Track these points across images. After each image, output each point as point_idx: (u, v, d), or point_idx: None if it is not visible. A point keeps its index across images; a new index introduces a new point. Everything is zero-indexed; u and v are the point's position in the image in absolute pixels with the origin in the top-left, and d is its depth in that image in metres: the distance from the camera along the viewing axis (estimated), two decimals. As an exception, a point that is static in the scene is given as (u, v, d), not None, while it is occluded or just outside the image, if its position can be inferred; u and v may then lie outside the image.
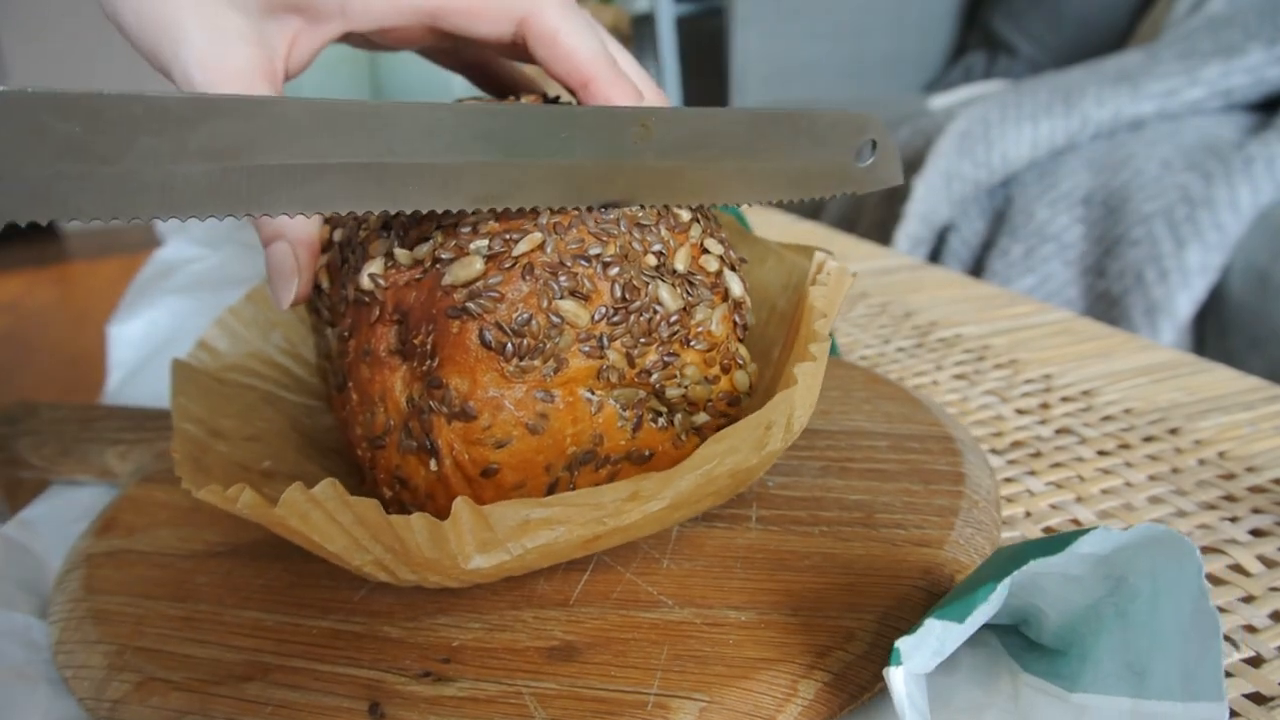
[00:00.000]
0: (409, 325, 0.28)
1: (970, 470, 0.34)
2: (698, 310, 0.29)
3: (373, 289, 0.29)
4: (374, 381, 0.30)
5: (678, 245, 0.29)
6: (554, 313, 0.27)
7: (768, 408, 0.26)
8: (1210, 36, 1.08)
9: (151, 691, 0.26)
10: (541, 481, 0.28)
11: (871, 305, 0.62)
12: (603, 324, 0.27)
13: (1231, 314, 0.88)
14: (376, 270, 0.29)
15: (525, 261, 0.27)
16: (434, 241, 0.28)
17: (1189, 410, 0.43)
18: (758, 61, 1.75)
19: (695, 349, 0.29)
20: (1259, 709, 0.25)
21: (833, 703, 0.24)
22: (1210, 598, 0.21)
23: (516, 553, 0.26)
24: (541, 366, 0.27)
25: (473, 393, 0.27)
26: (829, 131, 0.31)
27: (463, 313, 0.27)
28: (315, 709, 0.24)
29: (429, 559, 0.25)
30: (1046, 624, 0.24)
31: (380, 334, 0.29)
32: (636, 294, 0.28)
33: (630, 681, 0.24)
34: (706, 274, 0.30)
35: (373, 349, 0.30)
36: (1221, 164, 0.91)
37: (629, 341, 0.28)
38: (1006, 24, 1.68)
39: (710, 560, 0.29)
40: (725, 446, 0.26)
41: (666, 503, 0.26)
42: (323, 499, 0.24)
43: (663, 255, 0.29)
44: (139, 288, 0.65)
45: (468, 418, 0.27)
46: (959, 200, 1.11)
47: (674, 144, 0.28)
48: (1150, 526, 0.22)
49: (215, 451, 0.33)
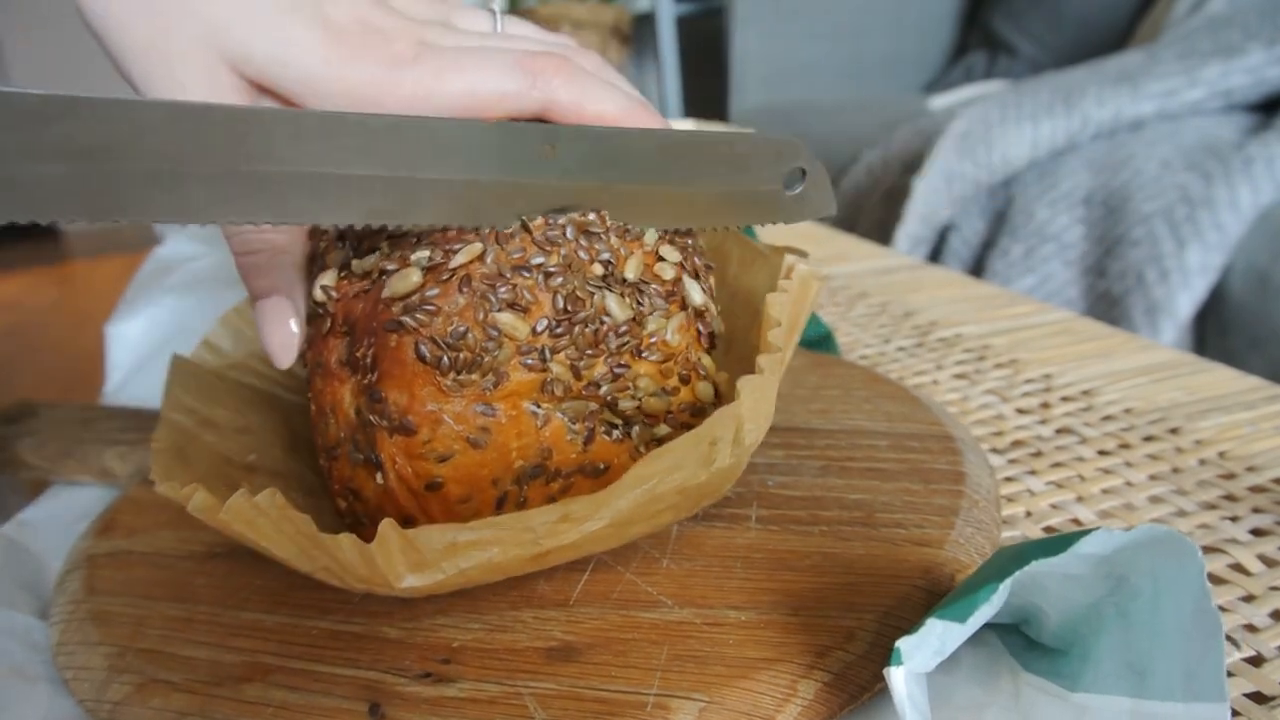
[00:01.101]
0: (355, 337, 0.28)
1: (970, 469, 0.34)
2: (650, 320, 0.28)
3: (324, 300, 0.29)
4: (325, 393, 0.30)
5: (628, 253, 0.29)
6: (491, 325, 0.26)
7: (710, 422, 0.25)
8: (1210, 37, 1.08)
9: (152, 693, 0.26)
10: (489, 495, 0.28)
11: (872, 305, 0.62)
12: (545, 336, 0.27)
13: (1232, 314, 0.88)
14: (328, 282, 0.29)
15: (463, 273, 0.27)
16: (380, 252, 0.28)
17: (1189, 410, 0.43)
18: (757, 61, 1.75)
19: (648, 360, 0.29)
20: (1260, 708, 0.25)
21: (833, 703, 0.24)
22: (1212, 598, 0.21)
23: (451, 572, 0.25)
24: (480, 380, 0.27)
25: (411, 407, 0.27)
26: (751, 157, 0.31)
27: (399, 326, 0.27)
28: (315, 710, 0.24)
29: (363, 576, 0.25)
30: (1047, 623, 0.24)
31: (331, 345, 0.29)
32: (580, 305, 0.27)
33: (630, 682, 0.24)
34: (662, 282, 0.29)
35: (324, 361, 0.29)
36: (1221, 164, 0.91)
37: (574, 354, 0.27)
38: (1007, 24, 1.68)
39: (710, 560, 0.29)
40: (667, 463, 0.25)
41: (605, 522, 0.26)
42: (266, 508, 0.24)
43: (611, 264, 0.28)
44: (138, 286, 0.65)
45: (407, 432, 0.27)
46: (959, 200, 1.11)
47: (580, 164, 0.28)
48: (1152, 527, 0.22)
49: (202, 441, 0.33)
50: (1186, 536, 0.21)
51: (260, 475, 0.34)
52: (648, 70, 2.52)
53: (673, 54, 2.01)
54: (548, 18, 2.12)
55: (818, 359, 0.45)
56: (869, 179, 1.32)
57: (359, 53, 0.28)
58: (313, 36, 0.28)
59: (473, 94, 0.29)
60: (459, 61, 0.29)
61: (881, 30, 1.80)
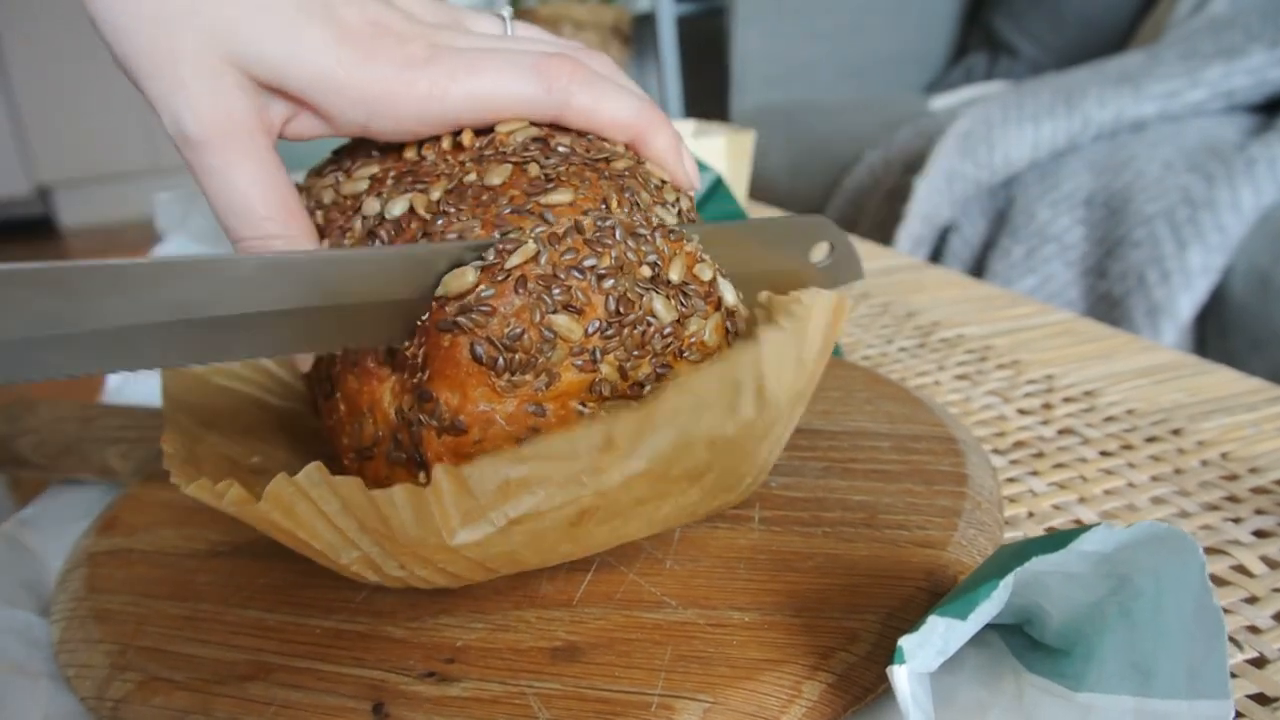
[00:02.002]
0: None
1: (973, 471, 0.34)
2: (691, 321, 0.29)
3: None
4: (362, 393, 0.29)
5: (673, 254, 0.29)
6: (547, 327, 0.26)
7: (731, 362, 0.24)
8: (1212, 38, 1.08)
9: (154, 691, 0.26)
10: None
11: (873, 305, 0.62)
12: (596, 337, 0.27)
13: (1233, 315, 0.88)
14: None
15: (518, 274, 0.26)
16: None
17: (1192, 411, 0.43)
18: (758, 61, 1.75)
19: (688, 360, 0.29)
20: (1263, 710, 0.25)
21: (837, 704, 0.24)
22: (1214, 594, 0.21)
23: (500, 523, 0.24)
24: (533, 381, 0.27)
25: (463, 407, 0.27)
26: (782, 240, 0.32)
27: (454, 326, 0.26)
28: (318, 709, 0.24)
29: (414, 538, 0.24)
30: (1049, 623, 0.24)
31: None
32: (631, 307, 0.27)
33: (634, 682, 0.24)
34: (701, 283, 0.29)
35: (360, 360, 0.29)
36: (1223, 165, 0.91)
37: (622, 355, 0.27)
38: (1008, 25, 1.68)
39: (713, 561, 0.29)
40: (691, 400, 0.24)
41: (644, 465, 0.25)
42: (307, 486, 0.23)
43: (657, 266, 0.28)
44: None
45: (458, 432, 0.27)
46: (960, 200, 1.11)
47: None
48: (1152, 524, 0.22)
49: (207, 442, 0.33)
50: (1187, 534, 0.21)
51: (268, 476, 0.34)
52: (648, 70, 2.52)
53: (673, 54, 2.01)
54: (548, 18, 2.12)
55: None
56: (870, 179, 1.32)
57: (373, 54, 0.28)
58: (326, 36, 0.28)
59: (490, 96, 0.29)
60: (474, 64, 0.29)
61: (882, 30, 1.80)
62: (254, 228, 0.28)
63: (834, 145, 1.46)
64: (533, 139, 0.30)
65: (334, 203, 0.31)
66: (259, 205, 0.28)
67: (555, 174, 0.29)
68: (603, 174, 0.29)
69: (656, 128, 0.31)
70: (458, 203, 0.28)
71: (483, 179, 0.29)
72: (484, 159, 0.29)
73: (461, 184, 0.29)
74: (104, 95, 2.86)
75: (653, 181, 0.31)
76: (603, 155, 0.30)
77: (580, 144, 0.31)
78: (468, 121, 0.30)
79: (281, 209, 0.29)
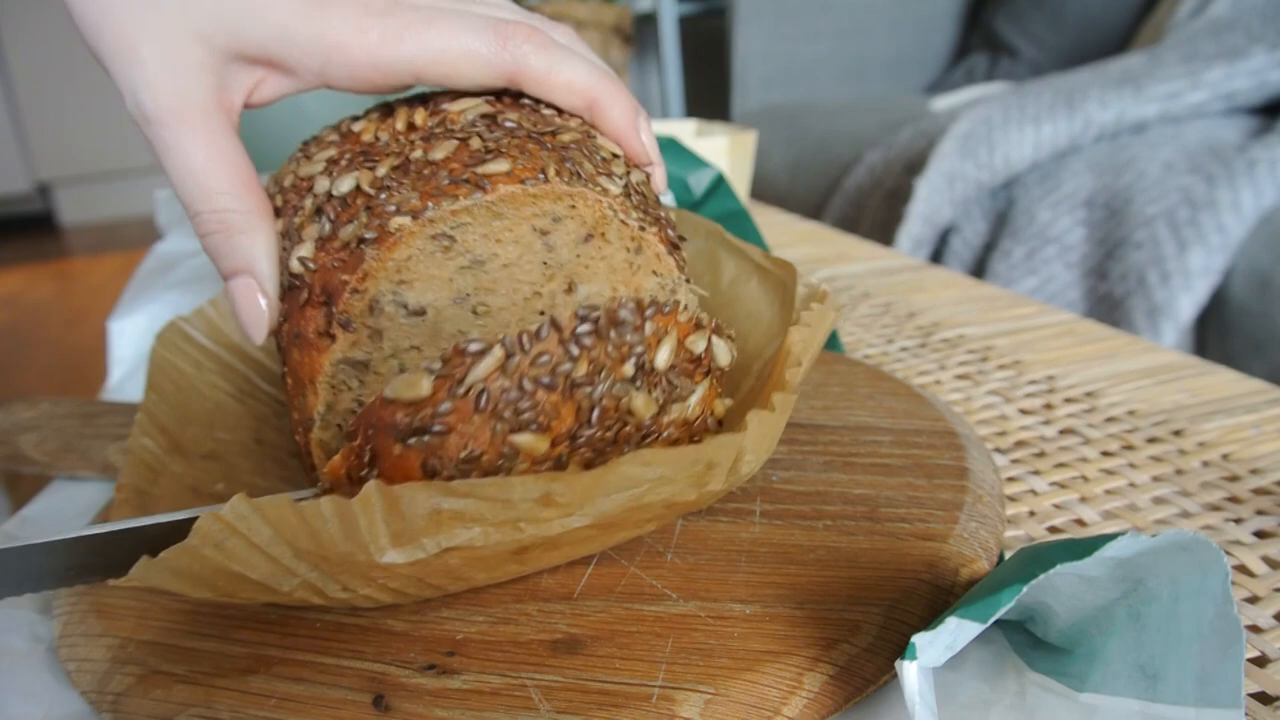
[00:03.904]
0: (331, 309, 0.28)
1: (974, 465, 0.34)
2: (673, 407, 0.27)
3: (302, 272, 0.29)
4: (304, 364, 0.29)
5: (663, 335, 0.27)
6: (508, 445, 0.25)
7: (712, 445, 0.24)
8: (1213, 39, 1.08)
9: (154, 684, 0.26)
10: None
11: (875, 305, 0.62)
12: (564, 446, 0.26)
13: (1233, 317, 0.88)
14: (306, 254, 0.29)
15: (480, 388, 0.24)
16: (359, 221, 0.28)
17: (1193, 412, 0.43)
18: (759, 61, 1.75)
19: (665, 439, 0.28)
20: (1265, 709, 0.25)
21: (838, 695, 0.24)
22: (1234, 604, 0.21)
23: (432, 550, 0.24)
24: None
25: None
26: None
27: (405, 443, 0.25)
28: (319, 701, 0.24)
29: (344, 553, 0.24)
30: (1054, 622, 0.24)
31: (309, 316, 0.29)
32: (606, 413, 0.26)
33: (635, 674, 0.24)
34: (692, 357, 0.28)
35: (303, 332, 0.29)
36: (1224, 167, 0.91)
37: (590, 454, 0.26)
38: (1008, 25, 1.68)
39: (714, 554, 0.29)
40: (657, 474, 0.24)
41: (589, 521, 0.24)
42: (235, 519, 0.22)
43: (643, 356, 0.26)
44: (140, 282, 0.65)
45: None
46: (961, 201, 1.11)
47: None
48: (1179, 532, 0.21)
49: (169, 474, 0.33)
50: (1214, 543, 0.21)
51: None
52: (649, 70, 2.53)
53: (675, 54, 2.01)
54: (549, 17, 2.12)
55: (821, 356, 0.45)
56: (871, 179, 1.32)
57: (330, 4, 0.29)
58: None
59: (443, 49, 0.29)
60: (430, 19, 0.29)
61: (883, 31, 1.80)
62: (209, 201, 0.29)
63: (835, 146, 1.46)
64: (482, 115, 0.30)
65: (292, 185, 0.31)
66: (214, 180, 0.29)
67: (496, 146, 0.29)
68: (545, 145, 0.29)
69: (613, 97, 0.31)
70: (401, 177, 0.28)
71: (427, 155, 0.29)
72: (433, 137, 0.29)
73: (408, 160, 0.29)
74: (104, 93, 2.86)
75: (600, 154, 0.31)
76: (549, 129, 0.30)
77: (529, 119, 0.30)
78: (422, 75, 0.30)
79: (237, 184, 0.29)
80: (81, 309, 2.24)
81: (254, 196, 0.30)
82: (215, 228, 0.29)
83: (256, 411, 0.39)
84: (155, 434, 0.34)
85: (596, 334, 0.25)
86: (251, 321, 0.30)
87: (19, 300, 2.36)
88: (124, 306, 0.60)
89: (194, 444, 0.36)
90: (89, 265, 2.64)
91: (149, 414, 0.35)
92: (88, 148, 2.93)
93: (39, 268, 2.64)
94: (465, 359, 0.24)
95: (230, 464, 0.36)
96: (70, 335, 2.03)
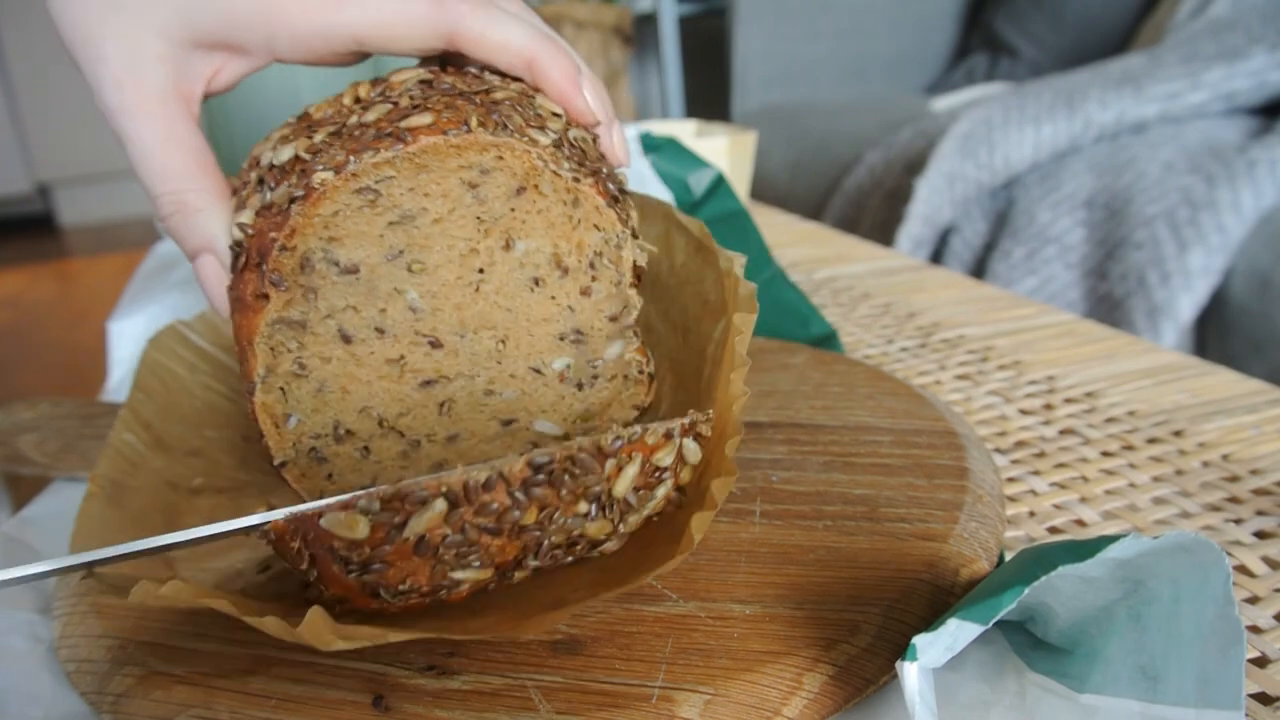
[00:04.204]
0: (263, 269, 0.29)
1: (974, 465, 0.34)
2: (630, 517, 0.27)
3: (241, 238, 0.29)
4: (243, 328, 0.30)
5: (626, 464, 0.26)
6: (448, 579, 0.25)
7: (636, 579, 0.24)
8: (1213, 40, 1.08)
9: (154, 685, 0.26)
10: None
11: (875, 306, 0.62)
12: (510, 567, 0.26)
13: (1233, 317, 0.88)
14: (245, 219, 0.29)
15: (421, 536, 0.24)
16: (289, 184, 0.28)
17: (1193, 413, 0.43)
18: (759, 62, 1.75)
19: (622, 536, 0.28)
20: (1265, 709, 0.25)
21: (838, 696, 0.24)
22: (1236, 606, 0.21)
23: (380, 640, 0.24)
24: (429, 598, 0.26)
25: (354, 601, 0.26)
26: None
27: (344, 567, 0.25)
28: (319, 702, 0.24)
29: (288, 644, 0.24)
30: (1054, 622, 0.24)
31: (247, 280, 0.29)
32: (556, 545, 0.26)
33: (635, 675, 0.24)
34: (659, 471, 0.27)
35: (241, 295, 0.30)
36: (1224, 167, 0.91)
37: (538, 564, 0.26)
38: (1008, 26, 1.68)
39: (714, 554, 0.29)
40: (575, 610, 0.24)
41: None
42: (171, 596, 0.23)
43: (600, 493, 0.26)
44: (140, 283, 0.65)
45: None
46: (961, 201, 1.11)
47: None
48: (1180, 533, 0.21)
49: (148, 468, 0.33)
50: (1215, 544, 0.21)
51: (206, 496, 0.34)
52: (649, 70, 2.53)
53: (675, 54, 2.01)
54: (549, 17, 2.12)
55: (820, 356, 0.45)
56: (871, 180, 1.32)
57: None
58: None
59: (379, 12, 0.30)
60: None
61: (883, 31, 1.80)
62: (165, 183, 0.31)
63: (835, 146, 1.46)
64: (420, 81, 0.30)
65: (249, 165, 0.32)
66: (170, 162, 0.31)
67: (423, 103, 0.29)
68: (473, 101, 0.29)
69: (552, 57, 0.31)
70: (334, 140, 0.29)
71: (361, 119, 0.29)
72: (371, 105, 0.30)
73: (345, 126, 0.29)
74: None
75: (536, 110, 0.31)
76: (483, 88, 0.30)
77: (466, 82, 0.30)
78: (364, 40, 0.31)
79: (192, 165, 0.31)
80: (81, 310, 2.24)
81: (210, 178, 0.31)
82: (173, 209, 0.31)
83: (249, 411, 0.39)
84: (138, 429, 0.35)
85: (550, 483, 0.25)
86: (217, 296, 0.31)
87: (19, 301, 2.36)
88: (124, 307, 0.60)
89: (179, 440, 0.36)
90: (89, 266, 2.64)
91: (133, 411, 0.36)
92: (88, 148, 2.93)
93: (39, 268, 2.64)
94: (405, 506, 0.24)
95: (214, 459, 0.36)
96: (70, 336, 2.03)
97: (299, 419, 0.32)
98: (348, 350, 0.31)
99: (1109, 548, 0.21)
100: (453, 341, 0.32)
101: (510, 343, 0.33)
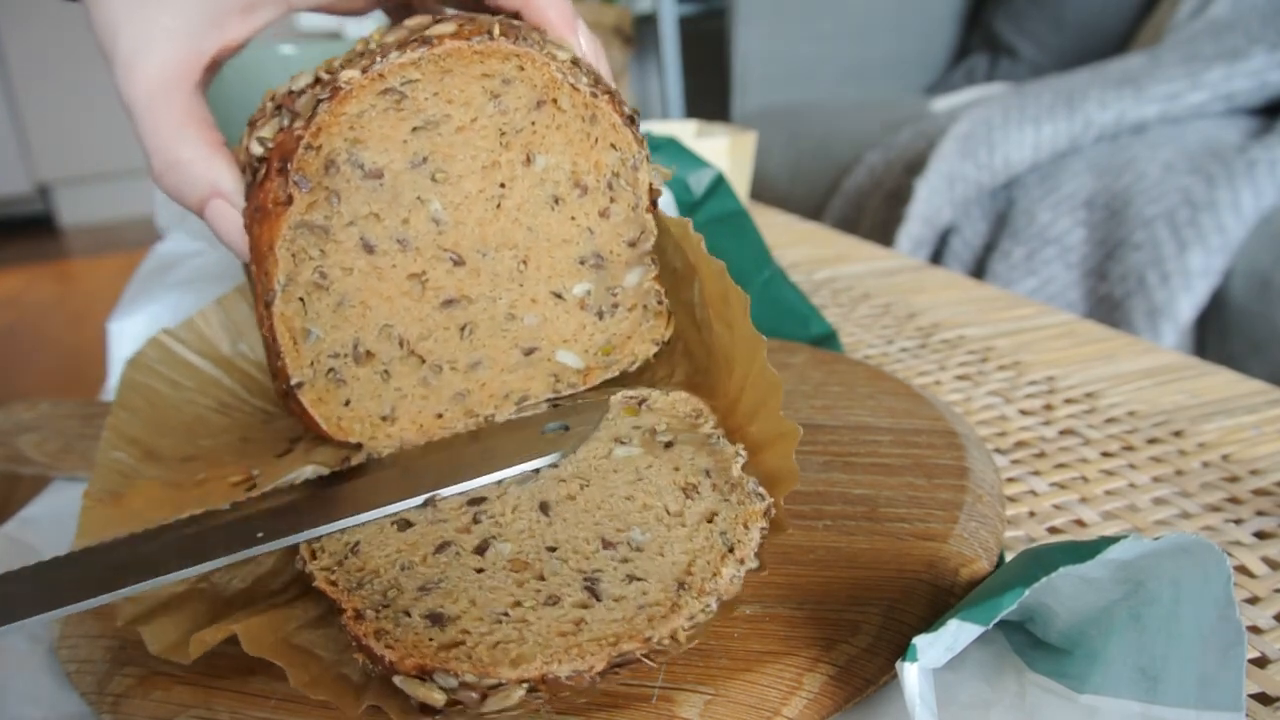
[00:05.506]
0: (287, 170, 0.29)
1: (974, 465, 0.34)
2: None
3: (261, 152, 0.29)
4: (263, 236, 0.30)
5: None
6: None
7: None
8: (1213, 40, 1.08)
9: (154, 685, 0.26)
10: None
11: (875, 306, 0.62)
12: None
13: (1233, 317, 0.88)
14: (266, 134, 0.29)
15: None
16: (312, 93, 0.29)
17: (1193, 413, 0.43)
18: (759, 62, 1.75)
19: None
20: (1265, 710, 0.25)
21: (838, 696, 0.24)
22: (1237, 607, 0.21)
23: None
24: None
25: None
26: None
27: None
28: (319, 702, 0.24)
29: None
30: (1055, 622, 0.24)
31: (268, 189, 0.29)
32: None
33: (634, 674, 0.24)
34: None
35: (262, 204, 0.29)
36: (1224, 167, 0.91)
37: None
38: (1008, 26, 1.68)
39: (715, 556, 0.29)
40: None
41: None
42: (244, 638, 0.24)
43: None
44: (139, 283, 0.65)
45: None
46: (961, 202, 1.11)
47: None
48: (1181, 535, 0.21)
49: (144, 477, 0.33)
50: (1216, 545, 0.21)
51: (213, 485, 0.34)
52: (649, 70, 2.53)
53: (675, 55, 2.01)
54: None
55: (821, 356, 0.45)
56: (870, 180, 1.32)
57: None
58: None
59: None
60: None
61: (883, 32, 1.80)
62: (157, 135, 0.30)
63: (835, 146, 1.46)
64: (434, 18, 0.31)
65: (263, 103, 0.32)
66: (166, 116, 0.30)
67: (445, 17, 0.30)
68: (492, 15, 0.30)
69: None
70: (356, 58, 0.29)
71: (382, 40, 0.30)
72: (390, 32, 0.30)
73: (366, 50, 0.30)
74: (104, 93, 2.86)
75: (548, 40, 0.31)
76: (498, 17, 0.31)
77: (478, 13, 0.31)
78: None
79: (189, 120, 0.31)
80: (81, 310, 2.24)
81: (206, 133, 0.31)
82: (165, 166, 0.31)
83: (242, 421, 0.38)
84: (125, 446, 0.34)
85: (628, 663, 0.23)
86: (235, 241, 0.31)
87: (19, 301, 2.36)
88: (124, 307, 0.60)
89: (172, 450, 0.35)
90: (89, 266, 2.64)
91: (117, 431, 0.35)
92: (88, 148, 2.93)
93: (39, 268, 2.64)
94: (483, 687, 0.23)
95: (214, 459, 0.36)
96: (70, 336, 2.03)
97: (319, 335, 0.32)
98: (370, 261, 0.31)
99: (1109, 548, 0.21)
100: (475, 259, 0.32)
101: (531, 264, 0.33)
